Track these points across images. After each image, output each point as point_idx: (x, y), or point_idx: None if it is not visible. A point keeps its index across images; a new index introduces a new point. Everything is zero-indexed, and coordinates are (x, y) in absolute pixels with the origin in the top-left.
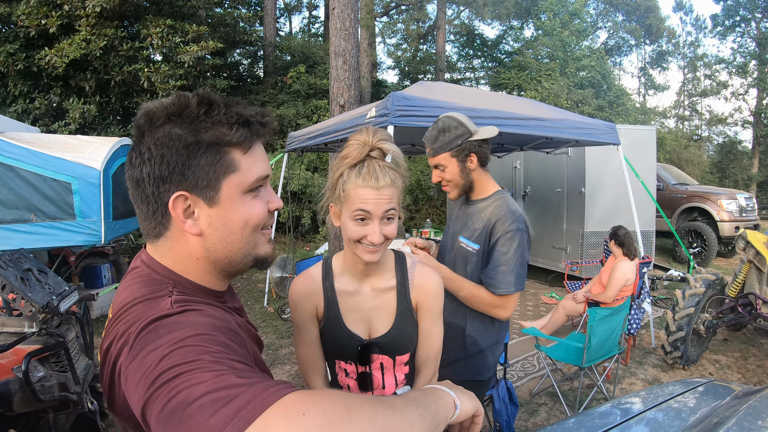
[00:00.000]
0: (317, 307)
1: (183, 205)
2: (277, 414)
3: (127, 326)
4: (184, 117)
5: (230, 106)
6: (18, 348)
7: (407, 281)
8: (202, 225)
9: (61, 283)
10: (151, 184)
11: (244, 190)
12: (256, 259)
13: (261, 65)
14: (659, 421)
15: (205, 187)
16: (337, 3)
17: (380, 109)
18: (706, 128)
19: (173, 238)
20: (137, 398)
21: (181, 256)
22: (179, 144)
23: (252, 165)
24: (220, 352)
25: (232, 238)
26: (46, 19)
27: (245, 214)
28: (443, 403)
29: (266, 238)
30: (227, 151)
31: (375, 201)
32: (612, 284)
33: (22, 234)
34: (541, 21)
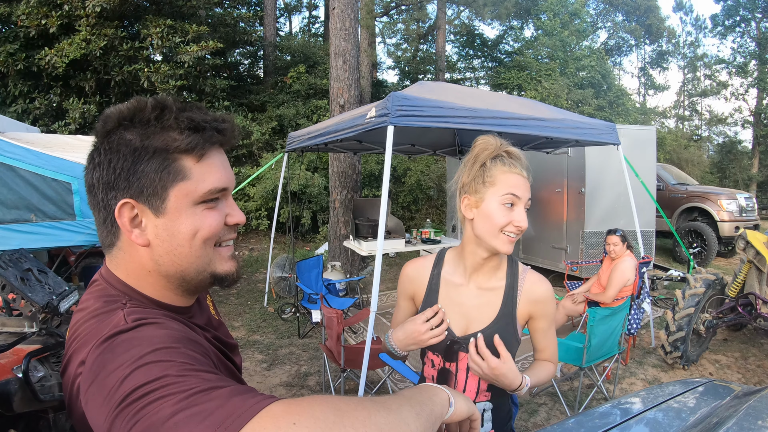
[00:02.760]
0: (416, 291)
1: (130, 214)
2: (266, 426)
3: (82, 343)
4: (135, 122)
5: (184, 110)
6: (18, 348)
7: (517, 286)
8: (150, 235)
9: (61, 283)
10: (101, 190)
11: (195, 201)
12: (214, 276)
13: (261, 65)
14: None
15: (151, 195)
16: (337, 3)
17: (380, 109)
18: (706, 128)
19: (124, 248)
20: (100, 422)
21: (133, 268)
22: (126, 149)
23: (206, 174)
24: (185, 364)
25: (180, 251)
26: (46, 19)
27: (194, 225)
28: (438, 400)
29: (225, 254)
30: (176, 158)
31: (524, 186)
32: (612, 284)
33: (22, 234)
34: (541, 21)
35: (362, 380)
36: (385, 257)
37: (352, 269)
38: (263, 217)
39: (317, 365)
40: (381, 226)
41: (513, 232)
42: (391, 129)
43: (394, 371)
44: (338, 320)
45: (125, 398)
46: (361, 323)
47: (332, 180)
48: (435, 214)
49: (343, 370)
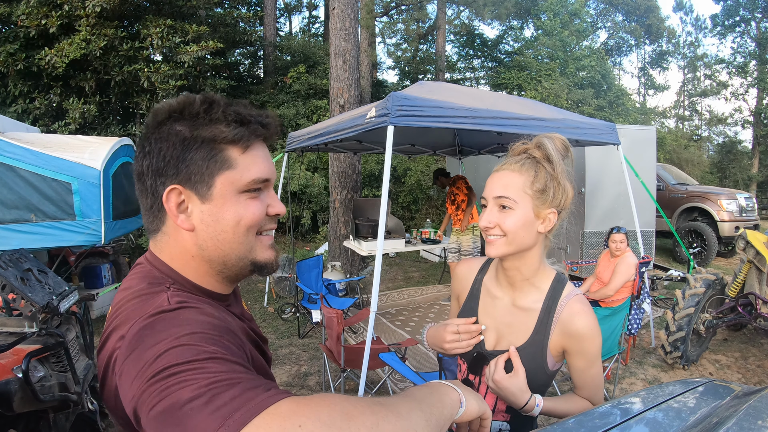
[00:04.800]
0: (461, 293)
1: (177, 199)
2: (271, 426)
3: (123, 320)
4: (185, 114)
5: (231, 105)
6: (18, 348)
7: (554, 313)
8: (195, 220)
9: (61, 283)
10: (150, 176)
11: (240, 189)
12: (254, 263)
13: (261, 65)
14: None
15: (198, 181)
16: (337, 3)
17: (380, 109)
18: (706, 128)
19: (169, 233)
20: (130, 395)
21: (177, 252)
22: (176, 139)
23: (250, 165)
24: (217, 351)
25: (224, 237)
26: (46, 19)
27: (238, 213)
28: (448, 401)
29: (266, 243)
30: (223, 148)
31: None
32: (617, 276)
33: (22, 234)
34: (541, 21)
35: (362, 380)
36: (385, 257)
37: (352, 269)
38: None
39: (317, 365)
40: (381, 226)
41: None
42: (391, 129)
43: (394, 371)
44: (338, 320)
45: (156, 375)
46: (361, 323)
47: (332, 180)
48: (435, 214)
49: (343, 370)
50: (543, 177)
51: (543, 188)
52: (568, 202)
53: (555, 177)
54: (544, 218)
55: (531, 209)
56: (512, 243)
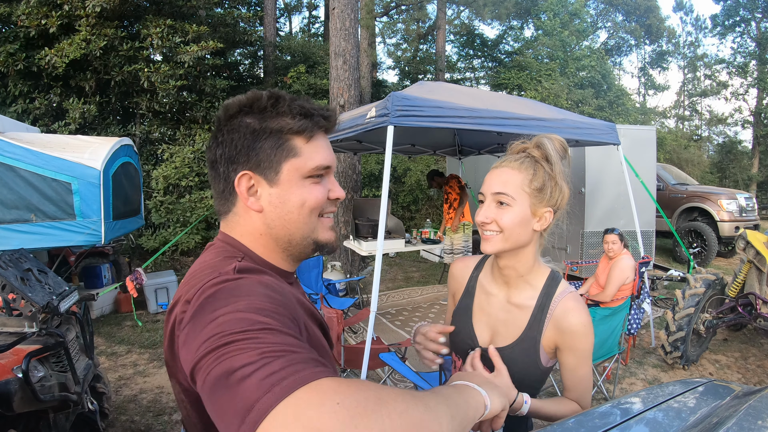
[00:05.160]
0: (456, 291)
1: (247, 184)
2: (311, 399)
3: (190, 287)
4: (254, 108)
5: (295, 100)
6: (18, 348)
7: (547, 309)
8: (263, 202)
9: (61, 283)
10: (222, 164)
11: (304, 175)
12: (316, 243)
13: (261, 65)
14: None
15: (266, 168)
16: (337, 3)
17: (380, 109)
18: (706, 128)
19: (240, 213)
20: (190, 360)
21: (247, 231)
22: (247, 130)
23: (313, 153)
24: (271, 324)
25: (290, 217)
26: (46, 19)
27: (303, 196)
28: (473, 403)
29: (326, 224)
30: (289, 138)
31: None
32: (611, 282)
33: (22, 234)
34: (541, 21)
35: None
36: (385, 257)
37: (352, 269)
38: None
39: None
40: (381, 226)
41: (485, 229)
42: (391, 129)
43: (394, 371)
44: (338, 320)
45: (212, 342)
46: (361, 323)
47: None
48: (435, 214)
49: (344, 370)
50: (541, 176)
51: (541, 187)
52: (564, 202)
53: (553, 177)
54: (541, 217)
55: (528, 207)
56: (508, 239)
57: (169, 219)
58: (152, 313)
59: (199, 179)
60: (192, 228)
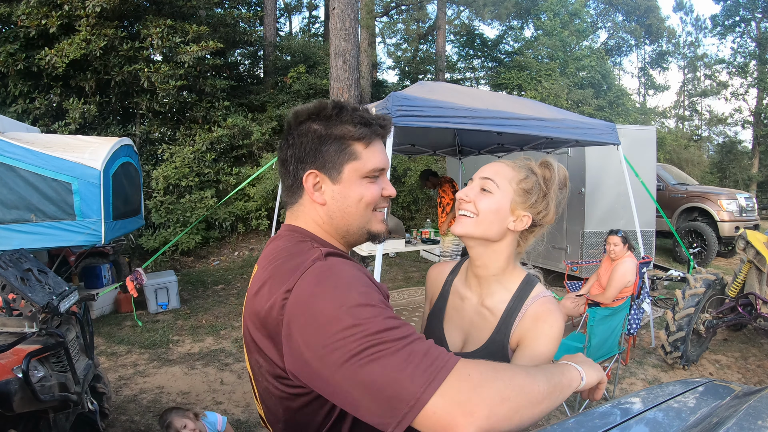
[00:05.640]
0: (433, 294)
1: (313, 181)
2: (461, 384)
3: (280, 271)
4: (321, 116)
5: (357, 110)
6: (18, 348)
7: (518, 312)
8: (327, 197)
9: (61, 283)
10: (293, 162)
11: (362, 175)
12: (370, 233)
13: (261, 65)
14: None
15: (330, 168)
16: (337, 3)
17: (380, 109)
18: (706, 128)
19: (305, 205)
20: (309, 355)
21: (312, 219)
22: (314, 135)
23: (371, 157)
24: (384, 311)
25: (349, 210)
26: (46, 19)
27: (361, 192)
28: (568, 374)
29: (379, 217)
30: (351, 144)
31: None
32: (612, 285)
33: (22, 234)
34: (541, 21)
35: None
36: (385, 257)
37: None
38: (263, 217)
39: None
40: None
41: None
42: (391, 129)
43: None
44: None
45: (349, 340)
46: None
47: None
48: (435, 214)
49: None
50: (532, 181)
51: (528, 189)
52: (547, 220)
53: (543, 189)
54: (518, 217)
55: (509, 202)
56: (479, 225)
57: (169, 219)
58: (152, 313)
59: (199, 179)
60: (192, 228)
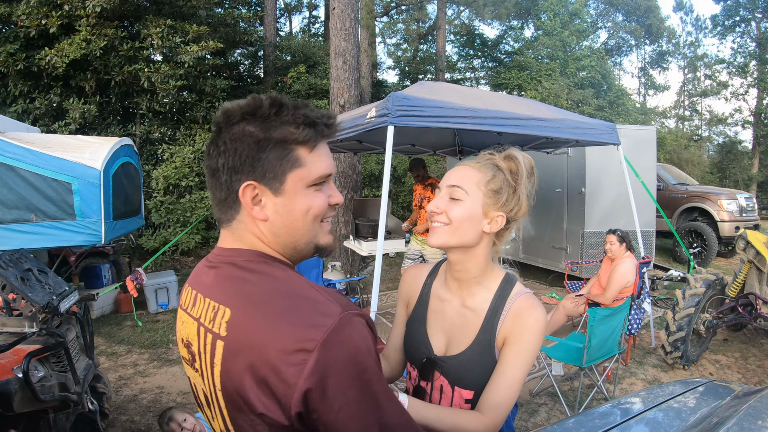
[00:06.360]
0: (411, 298)
1: (252, 193)
2: None
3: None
4: (257, 116)
5: (298, 108)
6: (18, 348)
7: (501, 310)
8: (268, 212)
9: (61, 283)
10: (225, 173)
11: (308, 184)
12: (317, 246)
13: (261, 65)
14: (659, 421)
15: (271, 178)
16: (337, 3)
17: (380, 109)
18: (706, 128)
19: (245, 221)
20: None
21: (256, 238)
22: (251, 140)
23: (317, 163)
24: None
25: (296, 225)
26: (46, 19)
27: (307, 204)
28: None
29: (326, 228)
30: (294, 149)
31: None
32: (611, 285)
33: (22, 234)
34: (541, 21)
35: None
36: (385, 257)
37: (352, 269)
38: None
39: None
40: (381, 226)
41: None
42: (391, 129)
43: None
44: None
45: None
46: None
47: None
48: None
49: None
50: (500, 180)
51: (497, 189)
52: (521, 214)
53: (511, 184)
54: (492, 219)
55: (480, 206)
56: (455, 233)
57: (169, 219)
58: (152, 313)
59: (199, 179)
60: (192, 228)
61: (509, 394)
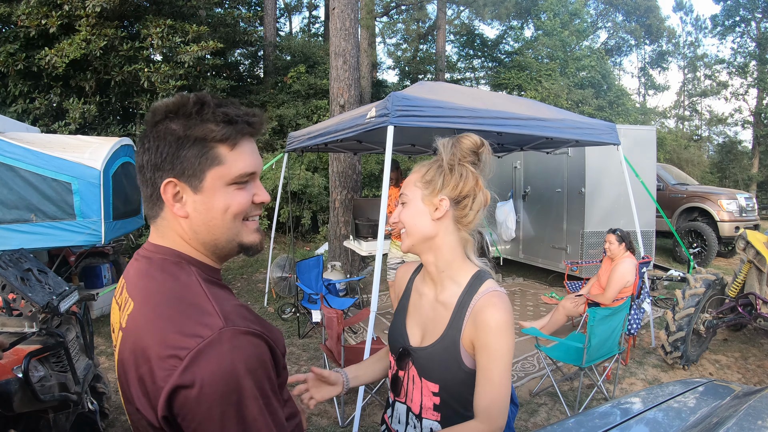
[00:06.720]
0: (399, 292)
1: (172, 191)
2: None
3: (163, 331)
4: (179, 114)
5: (220, 106)
6: (18, 348)
7: (467, 306)
8: (189, 209)
9: (61, 283)
10: (149, 170)
11: (228, 182)
12: (241, 245)
13: (261, 65)
14: (659, 421)
15: (191, 175)
16: (337, 3)
17: (380, 109)
18: (706, 128)
19: (168, 218)
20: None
21: (177, 235)
22: (172, 137)
23: (237, 161)
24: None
25: (214, 223)
26: (46, 19)
27: (226, 202)
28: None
29: (251, 227)
30: (213, 146)
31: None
32: (611, 286)
33: (22, 234)
34: (541, 21)
35: None
36: (385, 257)
37: (352, 269)
38: (263, 217)
39: (317, 365)
40: (381, 226)
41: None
42: (391, 129)
43: None
44: (338, 320)
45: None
46: (361, 323)
47: (332, 180)
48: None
49: None
50: (432, 170)
51: (430, 179)
52: (467, 189)
53: (445, 168)
54: (436, 206)
55: (420, 200)
56: (411, 234)
57: None
58: None
59: None
60: None
61: (495, 396)
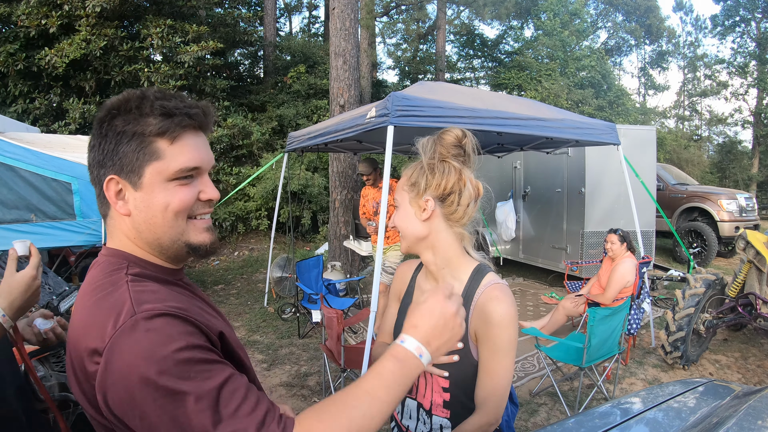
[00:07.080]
0: (401, 292)
1: (115, 188)
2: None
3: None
4: (121, 110)
5: (159, 99)
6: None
7: (472, 300)
8: (130, 206)
9: (61, 282)
10: (95, 168)
11: (168, 178)
12: (188, 245)
13: (261, 65)
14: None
15: (130, 172)
16: (337, 3)
17: (380, 109)
18: (706, 128)
19: (114, 217)
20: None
21: (123, 234)
22: (112, 134)
23: (177, 155)
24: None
25: (155, 221)
26: (46, 19)
27: (166, 199)
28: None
29: (199, 226)
30: (152, 141)
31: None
32: (611, 286)
33: (22, 234)
34: (541, 21)
35: None
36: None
37: (352, 269)
38: (263, 217)
39: (317, 365)
40: (381, 226)
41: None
42: (391, 129)
43: None
44: (338, 320)
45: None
46: (361, 323)
47: (332, 180)
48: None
49: (343, 370)
50: (416, 172)
51: (415, 181)
52: (449, 186)
53: (425, 168)
54: (423, 207)
55: (408, 203)
56: (405, 236)
57: None
58: None
59: None
60: None
61: (493, 388)
